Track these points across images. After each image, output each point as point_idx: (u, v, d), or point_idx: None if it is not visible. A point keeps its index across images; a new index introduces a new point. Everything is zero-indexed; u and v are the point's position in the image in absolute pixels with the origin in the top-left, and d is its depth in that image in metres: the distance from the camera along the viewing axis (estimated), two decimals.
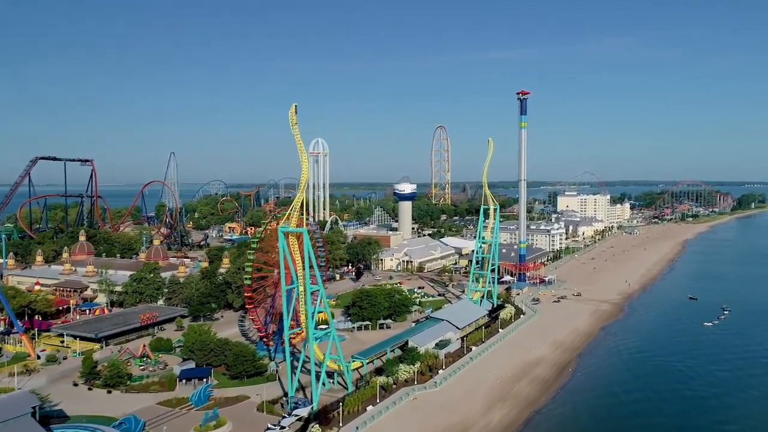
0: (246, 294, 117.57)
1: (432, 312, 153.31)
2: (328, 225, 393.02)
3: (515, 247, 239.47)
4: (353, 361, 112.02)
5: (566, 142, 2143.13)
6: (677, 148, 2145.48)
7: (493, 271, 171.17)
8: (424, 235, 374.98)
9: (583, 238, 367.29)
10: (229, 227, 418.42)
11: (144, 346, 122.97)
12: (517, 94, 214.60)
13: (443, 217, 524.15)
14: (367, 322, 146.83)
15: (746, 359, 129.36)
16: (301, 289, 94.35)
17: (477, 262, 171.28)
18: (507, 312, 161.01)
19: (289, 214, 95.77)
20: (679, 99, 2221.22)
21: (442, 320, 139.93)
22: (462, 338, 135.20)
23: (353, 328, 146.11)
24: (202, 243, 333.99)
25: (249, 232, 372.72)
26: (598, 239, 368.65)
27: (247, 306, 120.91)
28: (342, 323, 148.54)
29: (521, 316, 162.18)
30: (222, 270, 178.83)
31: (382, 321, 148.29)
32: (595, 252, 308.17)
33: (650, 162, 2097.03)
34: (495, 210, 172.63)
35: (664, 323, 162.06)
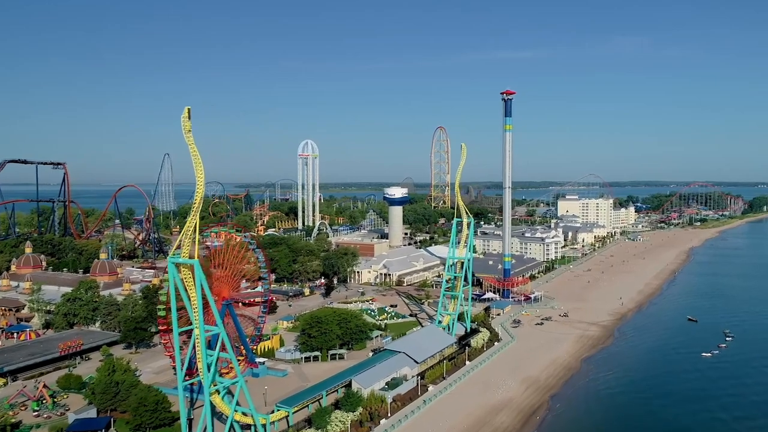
0: (160, 328, 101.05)
1: (389, 342, 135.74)
2: (315, 230, 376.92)
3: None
4: (277, 410, 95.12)
5: (576, 142, 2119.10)
6: (690, 148, 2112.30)
7: (465, 291, 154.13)
8: (415, 242, 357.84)
9: (582, 246, 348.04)
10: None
11: (43, 385, 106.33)
12: (502, 94, 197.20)
13: (441, 220, 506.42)
14: (317, 353, 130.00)
15: (744, 402, 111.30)
16: (196, 332, 77.63)
17: (448, 281, 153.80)
18: (480, 338, 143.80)
19: (180, 241, 79.31)
20: (691, 98, 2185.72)
21: (399, 353, 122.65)
22: (420, 374, 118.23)
23: (301, 359, 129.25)
24: None
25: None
26: (598, 247, 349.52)
27: (162, 342, 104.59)
28: (290, 353, 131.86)
29: (496, 343, 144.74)
30: None
31: (335, 351, 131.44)
32: (593, 262, 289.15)
33: (661, 162, 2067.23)
34: (469, 223, 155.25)
35: (657, 353, 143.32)
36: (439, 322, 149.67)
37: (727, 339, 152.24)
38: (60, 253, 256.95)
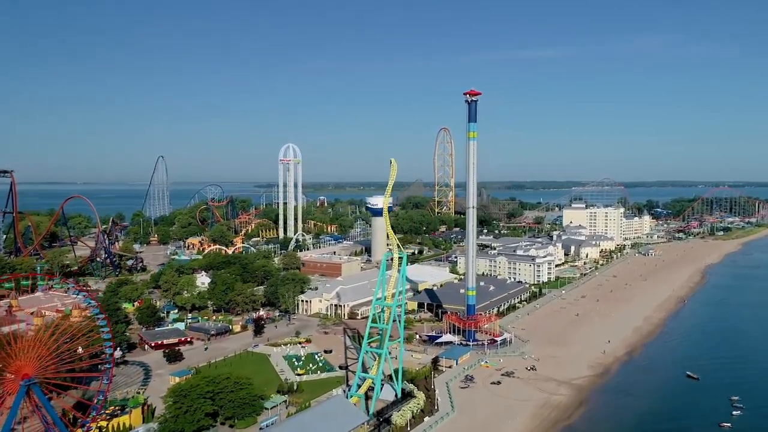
0: None
1: (271, 426, 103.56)
2: (292, 243, 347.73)
3: (481, 284, 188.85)
4: None
5: (599, 141, 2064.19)
6: (720, 146, 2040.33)
7: (396, 345, 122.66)
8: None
9: (584, 263, 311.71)
10: (191, 243, 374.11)
11: None
12: (465, 94, 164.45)
13: (442, 228, 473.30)
14: None
15: None
16: None
17: (374, 334, 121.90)
18: (408, 409, 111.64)
19: None
20: (721, 97, 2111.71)
21: None
22: None
23: None
24: (137, 266, 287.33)
25: (205, 249, 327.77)
26: (602, 264, 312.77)
27: None
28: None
29: (427, 417, 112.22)
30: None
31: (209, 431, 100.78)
32: (590, 285, 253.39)
33: (690, 161, 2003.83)
34: (401, 259, 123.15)
35: None
36: (358, 385, 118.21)
37: (734, 413, 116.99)
38: None
